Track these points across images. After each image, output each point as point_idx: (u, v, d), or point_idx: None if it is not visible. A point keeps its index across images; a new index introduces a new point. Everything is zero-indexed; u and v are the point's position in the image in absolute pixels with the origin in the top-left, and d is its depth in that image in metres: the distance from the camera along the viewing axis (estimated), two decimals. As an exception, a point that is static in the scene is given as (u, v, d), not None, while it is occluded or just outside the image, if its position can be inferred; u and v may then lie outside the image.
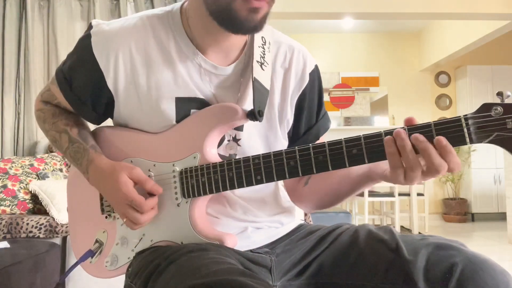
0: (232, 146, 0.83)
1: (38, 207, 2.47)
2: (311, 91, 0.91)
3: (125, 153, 0.86)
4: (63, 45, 3.26)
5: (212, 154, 0.79)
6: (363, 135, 0.66)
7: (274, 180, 0.72)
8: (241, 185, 0.74)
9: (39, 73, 3.23)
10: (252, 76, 0.80)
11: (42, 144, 3.05)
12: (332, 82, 6.22)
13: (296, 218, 0.95)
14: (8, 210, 2.41)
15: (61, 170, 2.79)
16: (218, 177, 0.75)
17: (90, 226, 0.90)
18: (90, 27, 0.84)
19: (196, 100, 0.82)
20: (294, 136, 0.92)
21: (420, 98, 6.27)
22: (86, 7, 3.39)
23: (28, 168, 2.63)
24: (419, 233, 4.78)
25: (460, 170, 0.62)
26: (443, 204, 6.08)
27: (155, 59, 0.81)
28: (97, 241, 0.88)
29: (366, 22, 5.84)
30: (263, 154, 0.73)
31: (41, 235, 2.13)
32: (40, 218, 2.18)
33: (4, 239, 2.07)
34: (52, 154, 2.88)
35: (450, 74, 6.32)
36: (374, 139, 0.65)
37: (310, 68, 0.91)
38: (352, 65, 6.27)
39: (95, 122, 0.91)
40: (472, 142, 0.61)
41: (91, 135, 0.90)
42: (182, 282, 0.59)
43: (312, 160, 0.69)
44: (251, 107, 0.78)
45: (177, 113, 0.81)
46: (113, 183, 0.78)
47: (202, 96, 0.82)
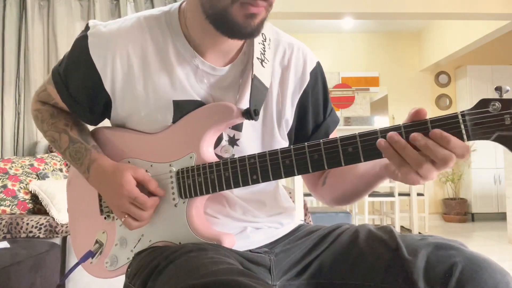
0: (228, 149, 0.83)
1: (38, 207, 2.47)
2: (314, 90, 0.90)
3: (122, 153, 0.86)
4: (63, 45, 3.26)
5: (209, 154, 0.78)
6: (358, 133, 0.65)
7: (270, 180, 0.72)
8: (237, 185, 0.74)
9: (39, 73, 3.23)
10: (252, 73, 0.79)
11: (42, 144, 3.05)
12: (332, 82, 6.22)
13: (295, 219, 0.95)
14: (8, 210, 2.41)
15: (61, 170, 2.79)
16: (214, 177, 0.75)
17: (90, 226, 0.91)
18: (87, 27, 0.83)
19: (194, 103, 0.81)
20: (302, 137, 0.91)
21: (420, 98, 6.27)
22: (86, 7, 3.39)
23: (28, 168, 2.63)
24: (419, 233, 4.78)
25: (469, 153, 0.61)
26: (443, 204, 6.08)
27: (152, 61, 0.80)
28: (97, 241, 0.88)
29: (366, 22, 5.84)
30: (258, 153, 0.72)
31: (41, 235, 2.13)
32: (40, 218, 2.18)
33: (4, 239, 2.07)
34: (52, 154, 2.88)
35: (450, 74, 6.32)
36: (369, 137, 0.64)
37: (311, 67, 0.90)
38: (352, 65, 6.27)
39: (92, 123, 0.91)
40: (469, 138, 0.60)
41: (91, 135, 0.90)
42: (181, 282, 0.59)
43: (308, 159, 0.68)
44: (247, 105, 0.78)
45: (174, 116, 0.81)
46: (116, 181, 0.78)
47: (200, 98, 0.81)
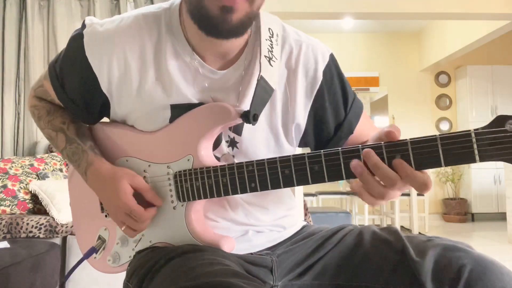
0: (228, 158, 0.80)
1: (38, 207, 2.47)
2: (331, 88, 0.84)
3: (120, 151, 0.84)
4: (63, 45, 3.23)
5: (207, 157, 0.76)
6: (361, 145, 0.63)
7: (268, 189, 0.69)
8: (235, 192, 0.71)
9: (39, 73, 3.23)
10: (259, 74, 0.74)
11: (42, 144, 3.05)
12: (332, 82, 6.22)
13: (298, 221, 0.93)
14: (8, 210, 2.41)
15: (61, 170, 2.78)
16: (212, 182, 0.73)
17: (92, 222, 0.90)
18: (83, 25, 0.80)
19: (193, 107, 0.77)
20: (324, 139, 0.87)
21: (420, 98, 6.27)
22: (86, 7, 3.39)
23: (28, 168, 2.63)
24: (419, 233, 4.78)
25: (429, 188, 0.59)
26: (443, 204, 6.08)
27: (150, 63, 0.77)
28: (99, 237, 0.88)
29: (366, 22, 5.84)
30: (256, 161, 0.69)
31: (41, 235, 2.13)
32: (40, 218, 2.18)
33: (4, 239, 2.07)
34: (52, 154, 2.88)
35: (450, 74, 6.32)
36: (374, 150, 0.62)
37: (323, 64, 0.83)
38: (352, 65, 6.27)
39: (90, 123, 0.88)
40: (482, 160, 0.55)
41: (88, 133, 0.87)
42: (174, 284, 0.59)
43: (308, 171, 0.65)
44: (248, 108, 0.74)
45: (170, 121, 0.78)
46: (112, 189, 0.76)
47: (199, 102, 0.78)
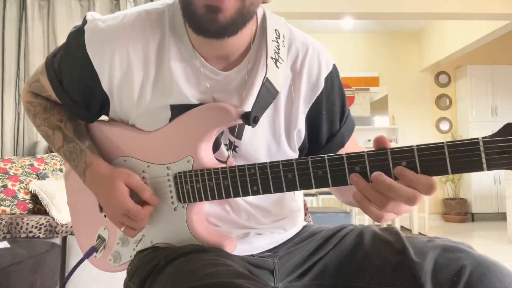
0: (232, 162, 0.78)
1: (38, 207, 2.46)
2: (330, 96, 0.82)
3: (118, 150, 0.83)
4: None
5: (207, 158, 0.74)
6: (366, 152, 0.61)
7: (271, 193, 0.67)
8: (237, 194, 0.70)
9: (39, 73, 3.23)
10: (265, 76, 0.72)
11: (42, 144, 3.05)
12: (332, 82, 6.22)
13: (300, 222, 0.91)
14: (8, 210, 2.41)
15: (61, 170, 2.78)
16: (213, 184, 0.71)
17: (91, 222, 0.90)
18: (85, 21, 0.77)
19: (192, 108, 0.75)
20: (315, 146, 0.85)
21: (420, 98, 6.26)
22: (86, 7, 3.39)
23: (28, 168, 2.63)
24: (419, 233, 4.78)
25: (435, 190, 0.56)
26: (443, 204, 6.08)
27: (152, 62, 0.75)
28: (99, 237, 0.87)
29: (366, 22, 5.84)
30: (258, 164, 0.67)
31: (41, 235, 2.13)
32: (40, 218, 2.18)
33: (4, 239, 2.07)
34: (52, 154, 2.88)
35: (450, 74, 6.32)
36: (377, 157, 0.60)
37: (326, 72, 0.81)
38: (352, 65, 6.27)
39: (88, 121, 0.86)
40: (489, 168, 0.53)
41: (86, 131, 0.85)
42: (177, 284, 0.58)
43: (311, 175, 0.64)
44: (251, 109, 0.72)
45: (170, 121, 0.77)
46: (109, 190, 0.75)
47: (199, 103, 0.76)
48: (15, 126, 3.18)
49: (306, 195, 4.48)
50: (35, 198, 2.45)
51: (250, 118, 0.70)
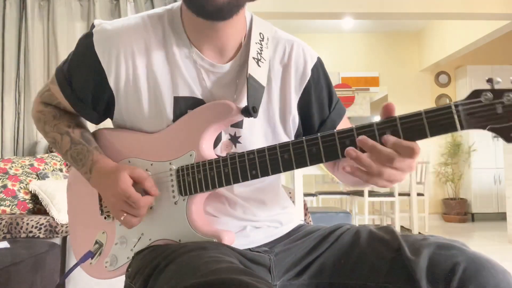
0: (228, 145, 0.84)
1: (38, 207, 2.46)
2: (317, 86, 0.91)
3: (122, 154, 0.87)
4: (63, 45, 3.26)
5: (209, 151, 0.79)
6: (356, 126, 0.67)
7: (269, 174, 0.72)
8: (236, 180, 0.74)
9: (39, 73, 3.23)
10: (247, 73, 0.80)
11: (42, 144, 3.05)
12: (332, 82, 6.20)
13: (295, 219, 0.95)
14: (8, 210, 2.41)
15: (61, 170, 2.79)
16: (214, 173, 0.76)
17: (90, 228, 0.91)
18: (93, 26, 0.84)
19: (193, 100, 0.82)
20: (308, 132, 0.92)
21: (420, 98, 6.26)
22: (86, 7, 3.39)
23: (28, 168, 2.63)
24: (419, 233, 4.78)
25: (416, 152, 0.63)
26: (443, 204, 6.08)
27: (155, 58, 0.82)
28: (96, 242, 0.88)
29: (366, 22, 5.84)
30: (257, 149, 0.73)
31: (41, 235, 2.13)
32: (40, 218, 2.18)
33: (4, 239, 2.07)
34: (52, 154, 2.88)
35: (450, 74, 6.32)
36: (365, 129, 0.66)
37: (311, 63, 0.90)
38: (352, 65, 6.27)
39: (95, 122, 0.91)
40: (463, 128, 0.61)
41: (92, 137, 0.90)
42: (182, 281, 0.59)
43: (306, 153, 0.69)
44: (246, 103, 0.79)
45: (174, 112, 0.82)
46: (113, 180, 0.78)
47: (200, 95, 0.83)
48: (15, 126, 3.18)
49: (306, 195, 4.48)
50: (35, 198, 2.45)
51: (249, 110, 0.77)
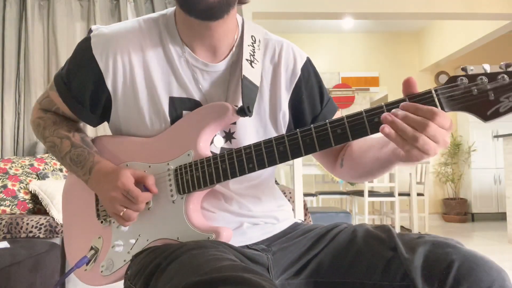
0: (219, 140, 0.86)
1: (38, 207, 2.47)
2: (308, 84, 0.94)
3: (120, 158, 0.88)
4: (63, 45, 3.26)
5: (206, 150, 0.81)
6: (346, 115, 0.70)
7: (265, 167, 0.75)
8: (234, 175, 0.77)
9: (39, 73, 3.23)
10: (241, 74, 0.83)
11: (42, 144, 3.04)
12: (332, 82, 6.22)
13: (291, 217, 0.96)
14: (8, 210, 2.41)
15: (61, 170, 2.79)
16: (212, 170, 0.78)
17: (85, 233, 0.91)
18: (90, 31, 0.87)
19: (188, 101, 0.85)
20: (301, 127, 0.93)
21: (420, 98, 6.25)
22: (86, 7, 3.39)
23: (28, 168, 2.63)
24: (419, 232, 4.78)
25: (446, 116, 0.66)
26: (443, 204, 6.08)
27: (151, 60, 0.85)
28: (92, 248, 0.88)
29: (366, 22, 5.84)
30: (254, 143, 0.76)
31: (41, 235, 2.13)
32: (40, 218, 2.18)
33: (4, 239, 2.07)
34: (52, 154, 2.88)
35: (450, 74, 6.32)
36: (355, 117, 0.69)
37: (301, 63, 0.93)
38: (352, 65, 6.27)
39: (93, 124, 0.93)
40: (444, 110, 0.66)
41: (91, 142, 0.92)
42: (185, 279, 0.59)
43: (300, 144, 0.73)
44: (241, 103, 0.82)
45: (170, 113, 0.84)
46: (114, 177, 0.80)
47: (194, 94, 0.85)
48: (15, 126, 3.18)
49: (306, 195, 4.48)
50: (35, 198, 2.45)
51: (245, 109, 0.80)
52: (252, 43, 0.89)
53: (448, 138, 0.66)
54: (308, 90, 0.94)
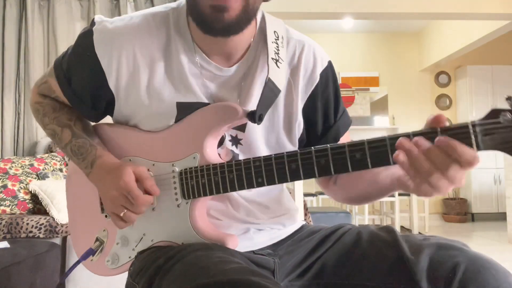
0: (227, 153, 0.81)
1: (38, 207, 2.46)
2: (325, 91, 0.86)
3: (124, 151, 0.84)
4: (63, 45, 3.26)
5: (212, 155, 0.77)
6: (366, 139, 0.63)
7: (275, 183, 0.69)
8: (241, 187, 0.72)
9: (39, 73, 3.23)
10: (267, 76, 0.75)
11: (42, 144, 3.05)
12: (332, 82, 6.21)
13: (298, 220, 0.94)
14: (8, 210, 2.41)
15: (61, 170, 2.79)
16: (218, 178, 0.73)
17: (91, 224, 0.90)
18: (93, 23, 0.80)
19: (198, 105, 0.78)
20: (311, 139, 0.88)
21: (420, 98, 6.26)
22: (86, 7, 3.39)
23: (28, 168, 2.63)
24: (419, 233, 4.78)
25: (478, 162, 0.57)
26: (443, 204, 6.08)
27: (158, 61, 0.78)
28: (97, 239, 0.87)
29: (366, 22, 5.83)
30: (264, 156, 0.70)
31: (41, 235, 2.13)
32: (40, 218, 2.18)
33: (4, 239, 2.07)
34: (52, 154, 2.88)
35: (450, 74, 6.32)
36: (377, 143, 0.62)
37: (321, 67, 0.86)
38: (352, 65, 6.27)
39: (94, 120, 0.89)
40: (479, 149, 0.57)
41: (93, 131, 0.88)
42: (192, 281, 0.58)
43: (314, 164, 0.66)
44: (254, 108, 0.75)
45: (177, 117, 0.79)
46: (116, 174, 0.76)
47: (203, 99, 0.79)
48: (15, 126, 3.18)
49: (306, 195, 4.48)
50: (35, 198, 2.45)
51: (256, 117, 0.73)
52: (275, 39, 0.80)
53: (464, 178, 0.59)
54: (324, 99, 0.86)
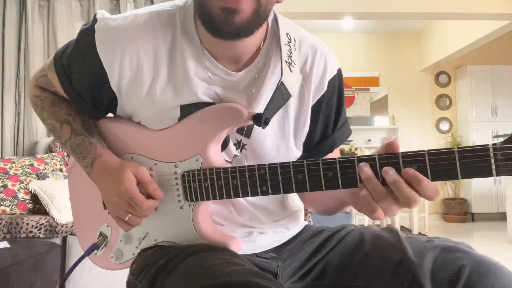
0: (240, 161, 0.78)
1: (38, 207, 2.46)
2: (330, 100, 0.84)
3: (125, 147, 0.83)
4: (63, 45, 3.25)
5: (216, 157, 0.74)
6: (378, 155, 0.62)
7: (280, 193, 0.68)
8: (245, 194, 0.70)
9: (39, 73, 3.23)
10: (280, 80, 0.72)
11: (42, 144, 3.05)
12: (332, 82, 6.22)
13: (301, 221, 0.92)
14: (8, 210, 2.41)
15: (61, 170, 2.79)
16: (222, 184, 0.71)
17: (94, 218, 0.89)
18: (95, 19, 0.77)
19: (202, 105, 0.76)
20: (305, 145, 0.86)
21: (420, 98, 6.26)
22: (86, 7, 3.40)
23: (28, 168, 2.63)
24: (419, 233, 4.78)
25: (438, 196, 0.60)
26: (443, 204, 6.08)
27: (163, 63, 0.75)
28: (101, 234, 0.87)
29: (366, 22, 5.84)
30: (269, 164, 0.68)
31: (41, 235, 2.13)
32: (40, 218, 2.18)
33: (4, 239, 2.07)
34: (52, 154, 2.88)
35: (450, 74, 6.32)
36: (388, 160, 0.61)
37: (330, 75, 0.83)
38: (352, 65, 6.27)
39: (95, 118, 0.85)
40: (498, 174, 0.55)
41: (94, 126, 0.85)
42: (195, 282, 0.57)
43: (322, 176, 0.64)
44: (262, 111, 0.72)
45: (180, 120, 0.77)
46: (117, 179, 0.74)
47: (209, 103, 0.76)
48: (15, 126, 3.18)
49: (306, 195, 4.48)
50: (35, 198, 2.45)
51: (262, 120, 0.70)
52: (288, 41, 0.77)
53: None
54: (328, 108, 0.84)
